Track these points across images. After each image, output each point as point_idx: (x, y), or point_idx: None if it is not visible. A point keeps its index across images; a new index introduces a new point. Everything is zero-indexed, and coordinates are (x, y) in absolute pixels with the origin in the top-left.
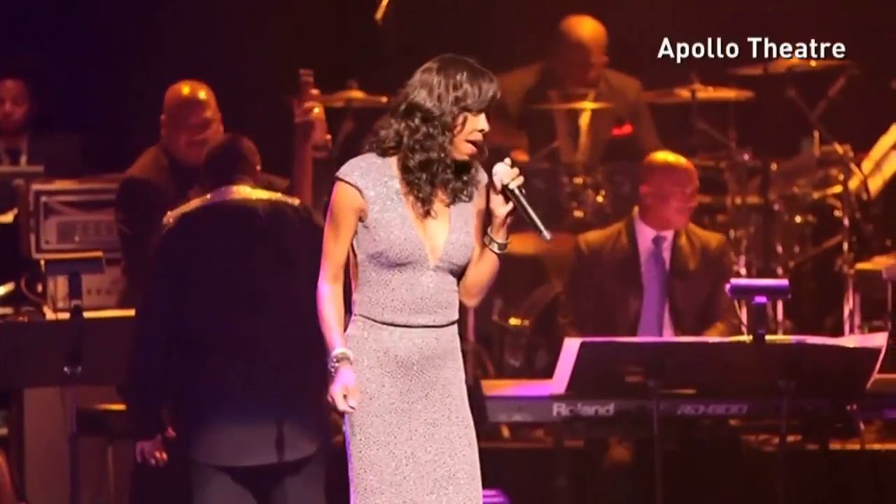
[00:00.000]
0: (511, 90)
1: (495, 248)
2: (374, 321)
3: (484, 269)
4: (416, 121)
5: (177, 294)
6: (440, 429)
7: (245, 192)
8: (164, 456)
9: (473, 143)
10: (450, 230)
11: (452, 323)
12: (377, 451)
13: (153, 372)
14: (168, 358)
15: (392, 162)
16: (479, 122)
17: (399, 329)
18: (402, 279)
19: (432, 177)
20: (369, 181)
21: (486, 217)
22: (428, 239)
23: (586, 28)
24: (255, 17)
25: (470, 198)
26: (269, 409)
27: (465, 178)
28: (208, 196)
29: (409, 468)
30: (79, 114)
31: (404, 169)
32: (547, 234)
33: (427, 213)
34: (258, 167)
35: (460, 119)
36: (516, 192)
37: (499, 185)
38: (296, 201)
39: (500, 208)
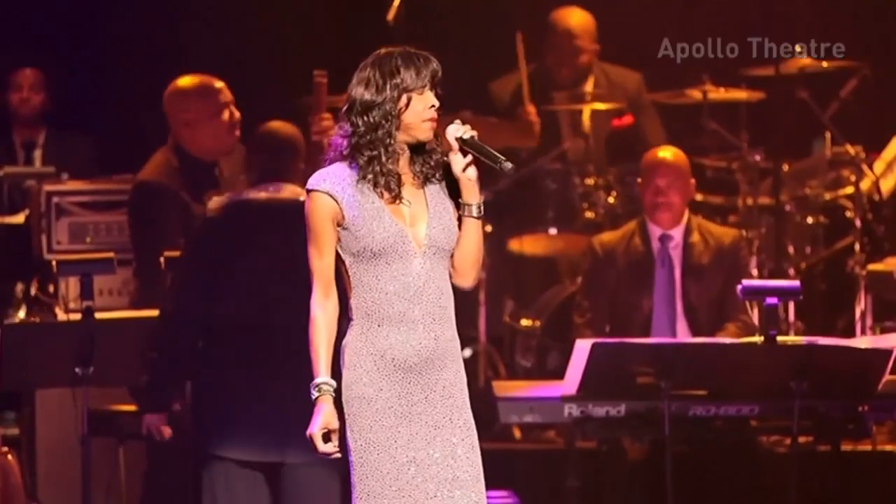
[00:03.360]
0: (512, 91)
1: (473, 211)
2: (371, 321)
3: (468, 241)
4: (357, 118)
5: (210, 281)
6: (442, 431)
7: (290, 190)
8: (169, 431)
9: (430, 119)
10: (429, 215)
11: (449, 319)
12: (378, 455)
13: (176, 350)
14: (194, 342)
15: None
16: (428, 100)
17: (395, 325)
18: (392, 272)
19: (381, 167)
20: (338, 185)
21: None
22: (409, 227)
23: (573, 16)
24: (267, 19)
25: (441, 179)
26: (293, 407)
27: (431, 160)
28: (257, 190)
29: (411, 472)
30: (93, 114)
31: (357, 169)
32: (507, 165)
33: (397, 200)
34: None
35: (403, 101)
36: (468, 139)
37: (452, 140)
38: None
39: (461, 163)
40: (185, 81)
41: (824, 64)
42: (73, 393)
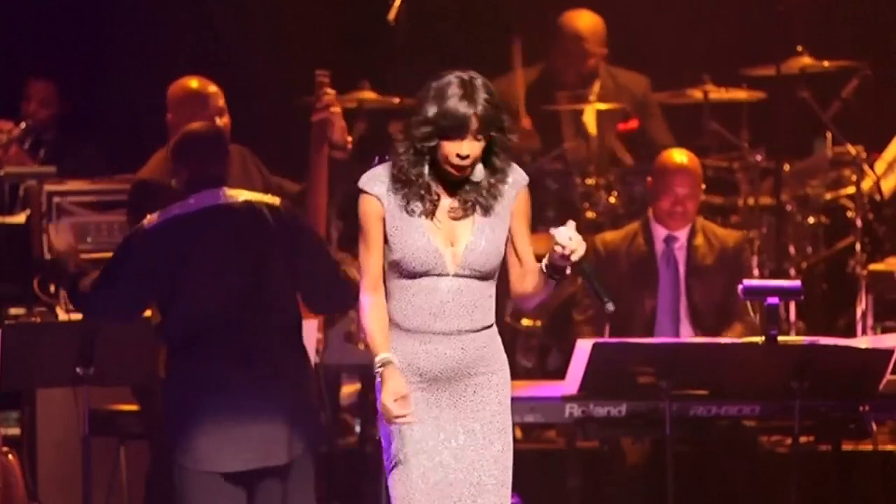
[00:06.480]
0: (514, 90)
1: (552, 275)
2: (399, 329)
3: (532, 282)
4: (404, 138)
5: (144, 295)
6: (473, 437)
7: (229, 195)
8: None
9: (454, 167)
10: (470, 237)
11: (483, 329)
12: (405, 458)
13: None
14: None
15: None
16: (457, 147)
17: (420, 337)
18: (421, 286)
19: (419, 191)
20: (387, 190)
21: (523, 219)
22: (448, 247)
23: (582, 19)
24: (268, 19)
25: (487, 209)
26: (254, 414)
27: (475, 189)
28: (192, 200)
29: (438, 475)
30: (99, 115)
31: (398, 182)
32: (610, 306)
33: (433, 216)
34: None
35: (432, 143)
36: (585, 269)
37: (561, 254)
38: (276, 201)
39: (558, 266)
40: (176, 85)
41: (825, 64)
42: (74, 392)
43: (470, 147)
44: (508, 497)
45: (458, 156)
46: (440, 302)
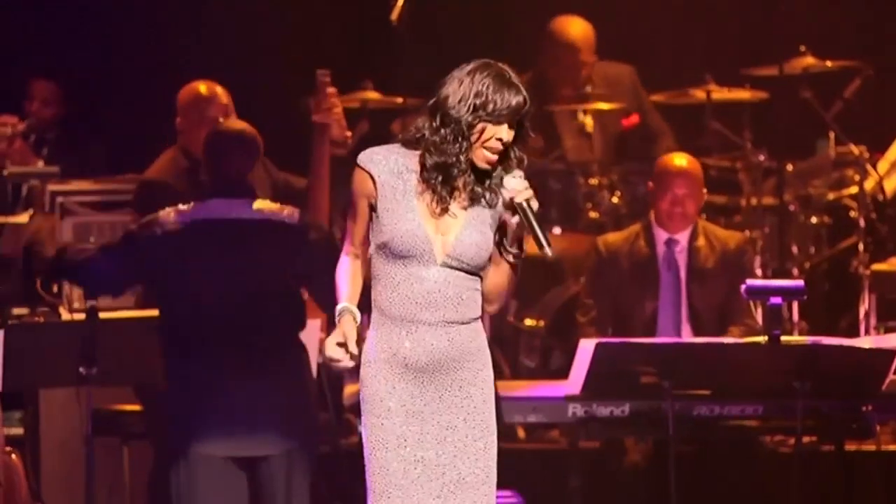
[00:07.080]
0: None
1: (509, 257)
2: (385, 317)
3: (499, 276)
4: (437, 121)
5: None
6: (455, 432)
7: (249, 208)
8: None
9: (490, 150)
10: (462, 227)
11: (470, 321)
12: (386, 453)
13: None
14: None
15: (416, 155)
16: (497, 131)
17: (406, 326)
18: (407, 273)
19: (449, 179)
20: (384, 170)
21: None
22: (438, 235)
23: (575, 28)
24: (271, 19)
25: (491, 205)
26: (265, 401)
27: (486, 183)
28: (212, 203)
29: (417, 471)
30: (103, 116)
31: (422, 166)
32: (549, 251)
33: (443, 212)
34: (259, 156)
35: (478, 127)
36: (524, 205)
37: (507, 199)
38: (287, 211)
39: (510, 220)
40: (185, 90)
41: (828, 64)
42: (77, 392)
43: (508, 133)
44: (493, 494)
45: (497, 139)
46: (427, 291)
